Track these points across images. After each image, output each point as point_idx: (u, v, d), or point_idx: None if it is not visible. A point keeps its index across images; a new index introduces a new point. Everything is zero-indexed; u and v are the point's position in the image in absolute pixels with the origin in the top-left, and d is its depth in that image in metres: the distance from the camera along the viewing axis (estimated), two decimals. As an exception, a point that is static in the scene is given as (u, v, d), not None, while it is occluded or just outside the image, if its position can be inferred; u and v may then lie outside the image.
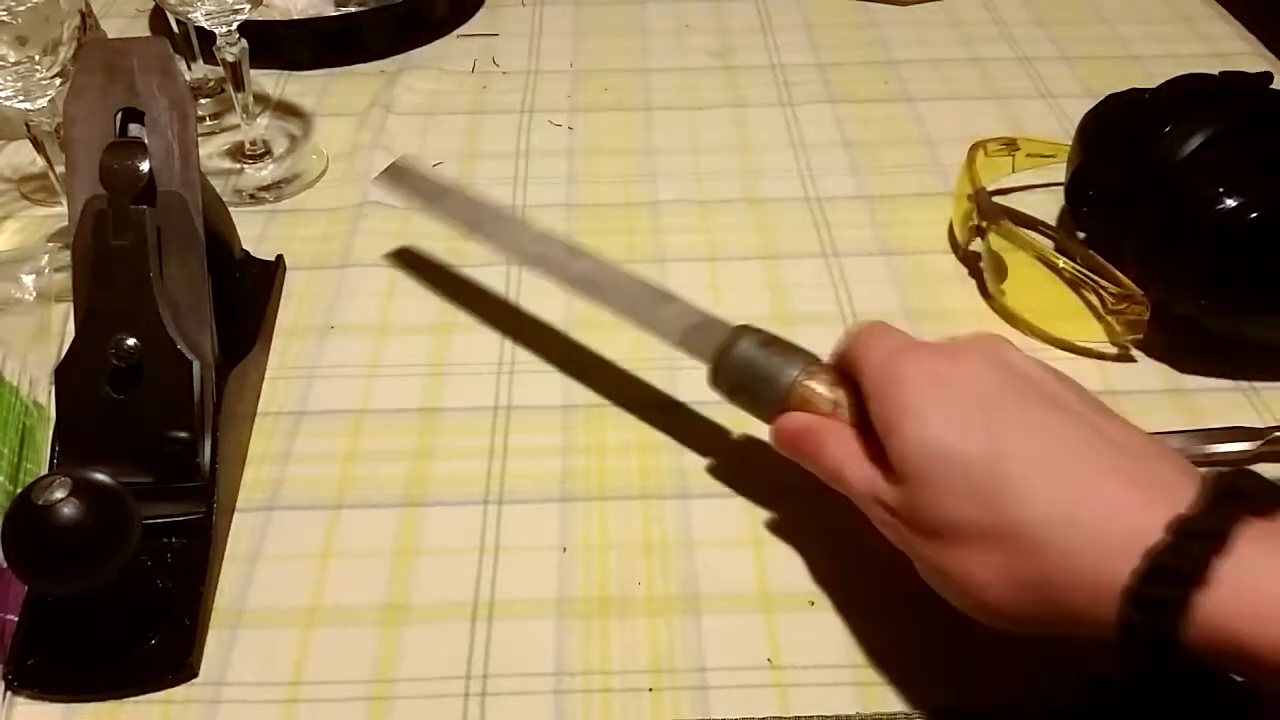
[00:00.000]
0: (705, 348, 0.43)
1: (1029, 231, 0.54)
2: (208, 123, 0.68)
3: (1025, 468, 0.33)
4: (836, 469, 0.39)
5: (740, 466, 0.46)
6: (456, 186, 0.54)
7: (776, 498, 0.45)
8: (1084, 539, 0.31)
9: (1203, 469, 0.33)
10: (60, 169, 0.54)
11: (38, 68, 0.50)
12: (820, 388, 0.40)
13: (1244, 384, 0.49)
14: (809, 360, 0.41)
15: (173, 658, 0.39)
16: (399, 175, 0.55)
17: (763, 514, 0.44)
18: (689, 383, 0.49)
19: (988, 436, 0.34)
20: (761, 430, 0.47)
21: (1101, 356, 0.51)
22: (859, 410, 0.39)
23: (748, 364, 0.42)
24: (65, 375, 0.43)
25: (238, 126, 0.64)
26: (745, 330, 0.43)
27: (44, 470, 0.44)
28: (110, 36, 0.71)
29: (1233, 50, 0.73)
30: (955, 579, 0.34)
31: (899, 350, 0.37)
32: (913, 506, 0.35)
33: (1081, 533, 0.31)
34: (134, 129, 0.45)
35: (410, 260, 0.57)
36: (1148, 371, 0.50)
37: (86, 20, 0.55)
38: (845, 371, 0.40)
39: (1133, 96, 0.55)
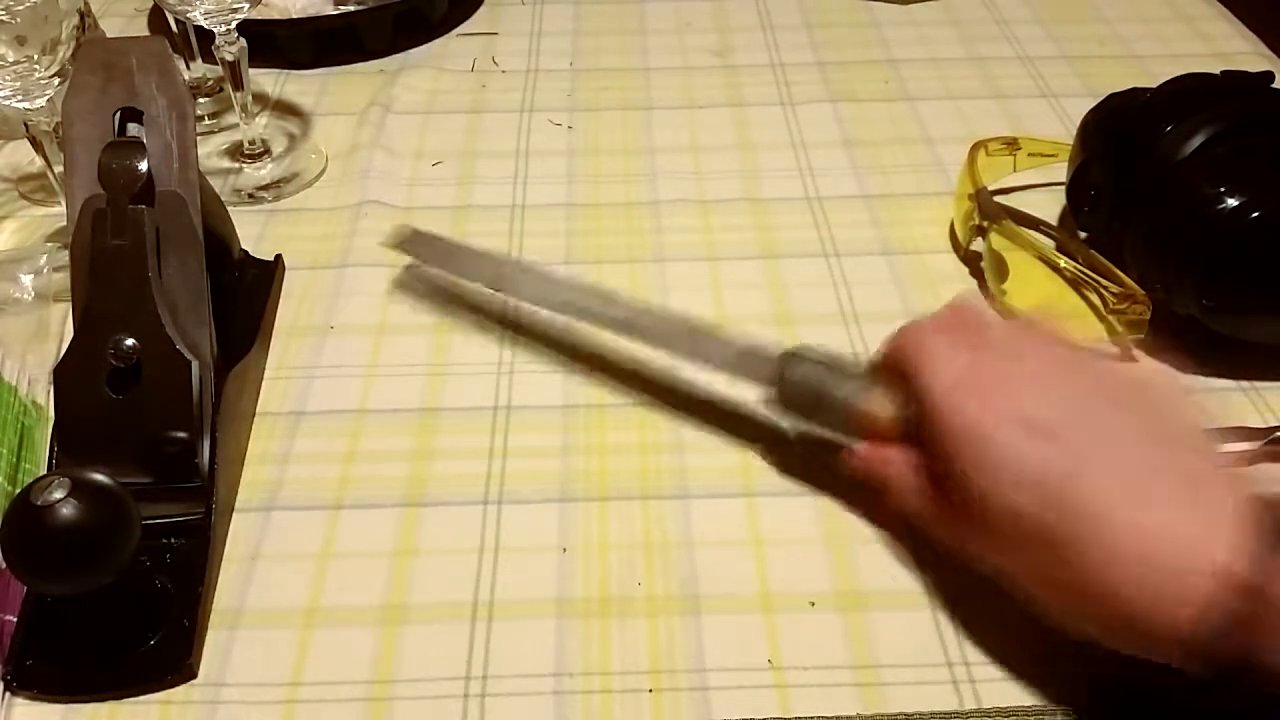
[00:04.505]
0: (759, 374, 0.44)
1: (1030, 231, 0.54)
2: (206, 122, 0.68)
3: (1095, 483, 0.34)
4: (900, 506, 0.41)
5: (740, 466, 0.46)
6: (466, 245, 0.55)
7: (776, 498, 0.44)
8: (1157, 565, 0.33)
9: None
10: (59, 168, 0.53)
11: (36, 67, 0.50)
12: (882, 409, 0.42)
13: (1245, 384, 0.49)
14: (869, 375, 0.43)
15: (172, 658, 0.39)
16: (410, 241, 0.55)
17: (763, 514, 0.44)
18: (689, 383, 0.49)
19: (1058, 455, 0.35)
20: (761, 431, 0.47)
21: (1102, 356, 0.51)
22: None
23: (808, 388, 0.43)
24: (64, 375, 0.43)
25: (236, 126, 0.64)
26: (797, 352, 0.44)
27: (43, 470, 0.44)
28: (109, 36, 0.71)
29: (1233, 50, 0.73)
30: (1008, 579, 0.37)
31: (966, 370, 0.38)
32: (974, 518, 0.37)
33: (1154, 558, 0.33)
34: (132, 128, 0.45)
35: (410, 260, 0.57)
36: (1149, 371, 0.50)
37: (85, 20, 0.55)
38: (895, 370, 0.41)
39: (1134, 96, 0.55)
